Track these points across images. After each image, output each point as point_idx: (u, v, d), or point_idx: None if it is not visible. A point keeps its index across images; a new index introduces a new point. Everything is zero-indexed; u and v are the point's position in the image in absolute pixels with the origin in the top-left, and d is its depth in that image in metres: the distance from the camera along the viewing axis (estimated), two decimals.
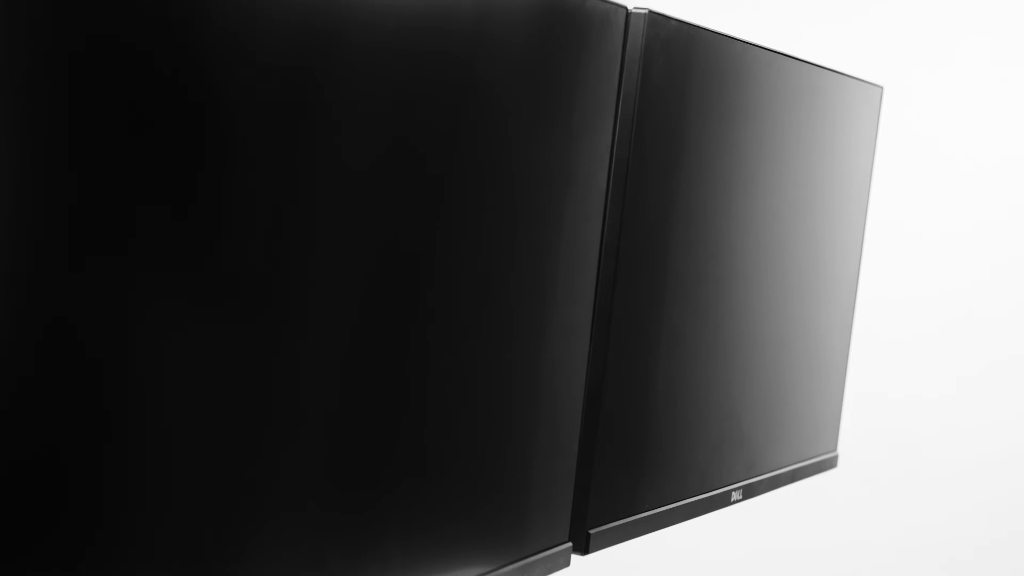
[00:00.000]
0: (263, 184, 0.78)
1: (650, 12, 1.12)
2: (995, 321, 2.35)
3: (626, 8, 1.10)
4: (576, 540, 1.16)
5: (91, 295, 0.68)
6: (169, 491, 0.75)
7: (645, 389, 1.22)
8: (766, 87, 1.33)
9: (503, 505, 1.05)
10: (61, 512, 0.69)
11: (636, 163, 1.14)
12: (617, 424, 1.18)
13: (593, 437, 1.15)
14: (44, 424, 0.67)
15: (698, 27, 1.19)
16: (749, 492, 1.43)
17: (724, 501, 1.39)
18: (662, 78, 1.15)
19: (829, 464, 1.65)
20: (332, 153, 0.82)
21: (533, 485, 1.08)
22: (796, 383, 1.53)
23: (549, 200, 1.04)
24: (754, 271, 1.38)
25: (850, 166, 1.57)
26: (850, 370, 1.67)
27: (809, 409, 1.57)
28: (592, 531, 1.17)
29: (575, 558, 1.16)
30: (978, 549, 2.37)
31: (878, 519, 2.37)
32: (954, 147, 2.32)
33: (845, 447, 1.73)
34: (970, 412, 2.36)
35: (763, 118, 1.34)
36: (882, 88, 1.62)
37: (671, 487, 1.29)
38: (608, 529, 1.20)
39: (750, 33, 1.32)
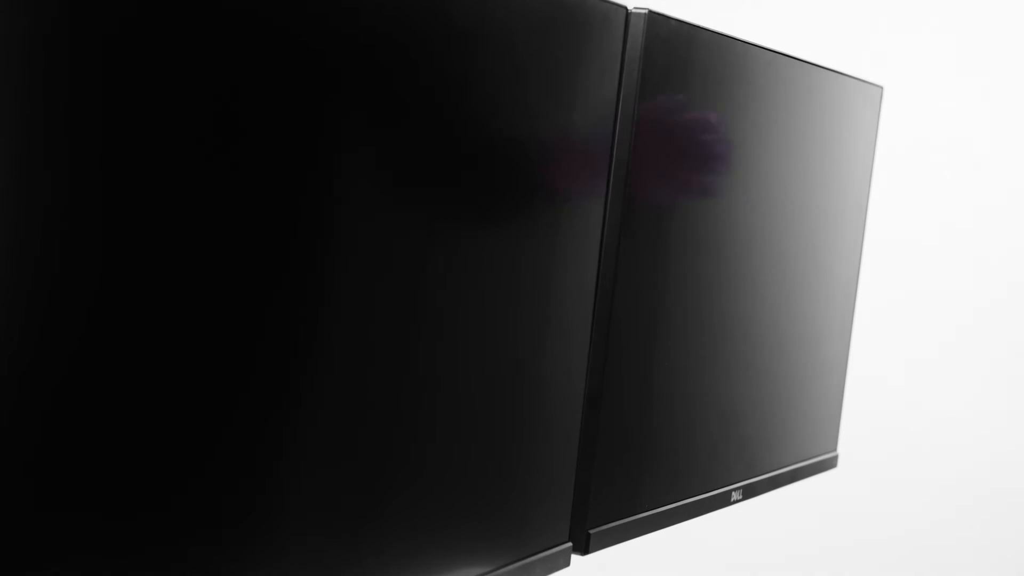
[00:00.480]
0: (258, 195, 0.78)
1: (650, 12, 1.12)
2: (995, 321, 2.35)
3: (626, 8, 1.10)
4: (576, 540, 1.16)
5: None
6: (168, 492, 0.75)
7: (645, 389, 1.22)
8: (766, 87, 1.33)
9: (503, 505, 1.05)
10: (56, 507, 0.69)
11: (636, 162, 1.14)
12: (617, 424, 1.18)
13: (593, 437, 1.15)
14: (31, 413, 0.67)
15: (698, 27, 1.19)
16: (749, 492, 1.43)
17: (724, 501, 1.39)
18: (662, 78, 1.15)
19: (829, 464, 1.65)
20: (330, 154, 0.82)
21: (533, 485, 1.08)
22: (796, 383, 1.53)
23: (549, 200, 1.04)
24: (754, 271, 1.38)
25: (850, 166, 1.57)
26: (850, 370, 1.67)
27: (809, 409, 1.57)
28: (592, 531, 1.17)
29: (575, 558, 1.16)
30: (979, 549, 2.37)
31: (878, 519, 2.37)
32: (954, 147, 2.32)
33: (845, 447, 1.73)
34: (971, 412, 2.36)
35: (763, 118, 1.34)
36: (882, 88, 1.62)
37: (671, 487, 1.29)
38: (608, 529, 1.20)
39: (750, 33, 1.32)
